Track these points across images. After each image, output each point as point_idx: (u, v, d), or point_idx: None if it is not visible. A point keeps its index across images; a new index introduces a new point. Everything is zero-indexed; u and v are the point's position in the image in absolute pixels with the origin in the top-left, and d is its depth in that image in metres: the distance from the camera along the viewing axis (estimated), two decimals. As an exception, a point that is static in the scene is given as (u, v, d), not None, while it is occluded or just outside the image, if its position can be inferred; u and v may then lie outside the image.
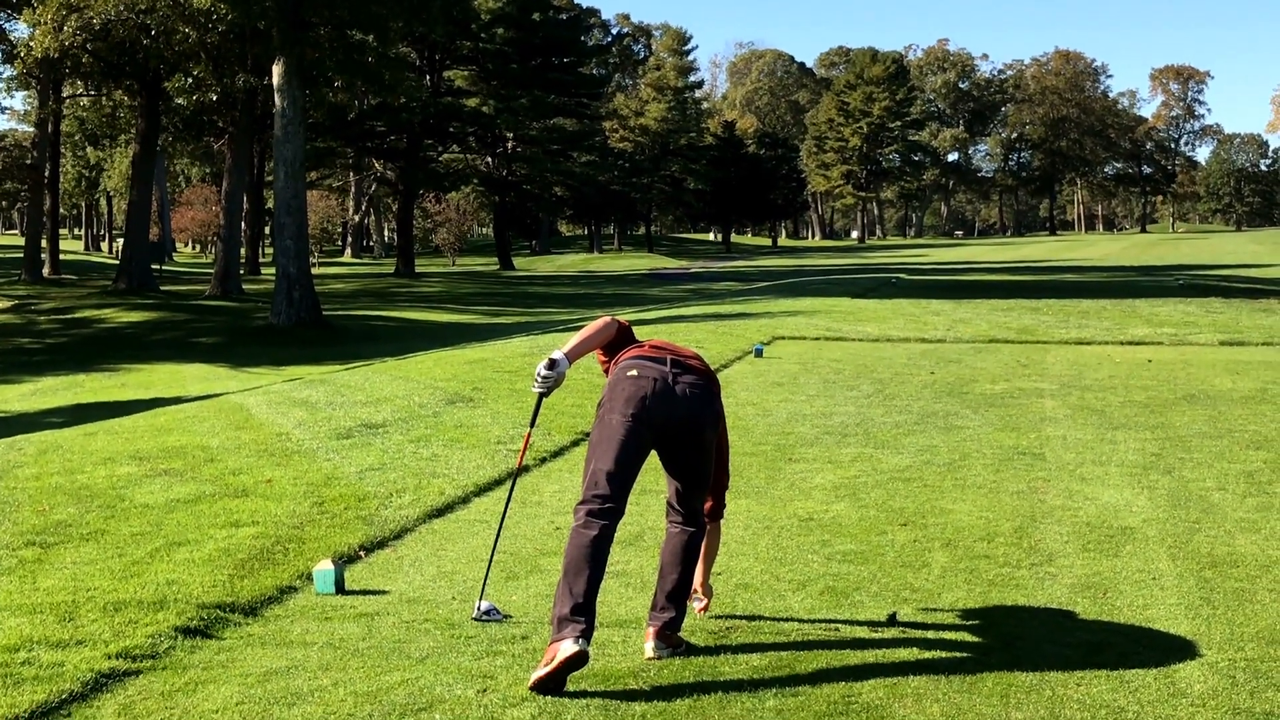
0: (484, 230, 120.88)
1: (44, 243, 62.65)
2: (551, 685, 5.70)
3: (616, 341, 6.70)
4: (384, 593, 7.65)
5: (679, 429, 6.29)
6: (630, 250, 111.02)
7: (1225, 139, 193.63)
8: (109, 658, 6.39)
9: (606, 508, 6.07)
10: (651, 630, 6.41)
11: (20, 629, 6.83)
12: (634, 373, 6.27)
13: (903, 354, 20.13)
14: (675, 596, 6.46)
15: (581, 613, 5.84)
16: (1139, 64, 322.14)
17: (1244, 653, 6.50)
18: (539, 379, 6.33)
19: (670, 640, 6.43)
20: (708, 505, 6.74)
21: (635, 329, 6.96)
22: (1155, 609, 7.22)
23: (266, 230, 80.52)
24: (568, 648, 5.67)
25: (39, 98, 61.91)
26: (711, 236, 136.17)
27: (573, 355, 6.42)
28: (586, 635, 5.81)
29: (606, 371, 6.76)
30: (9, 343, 40.11)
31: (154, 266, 58.48)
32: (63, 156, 78.23)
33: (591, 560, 5.95)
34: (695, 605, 7.20)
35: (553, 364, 6.32)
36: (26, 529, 9.19)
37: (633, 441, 6.16)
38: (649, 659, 6.31)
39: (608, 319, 6.70)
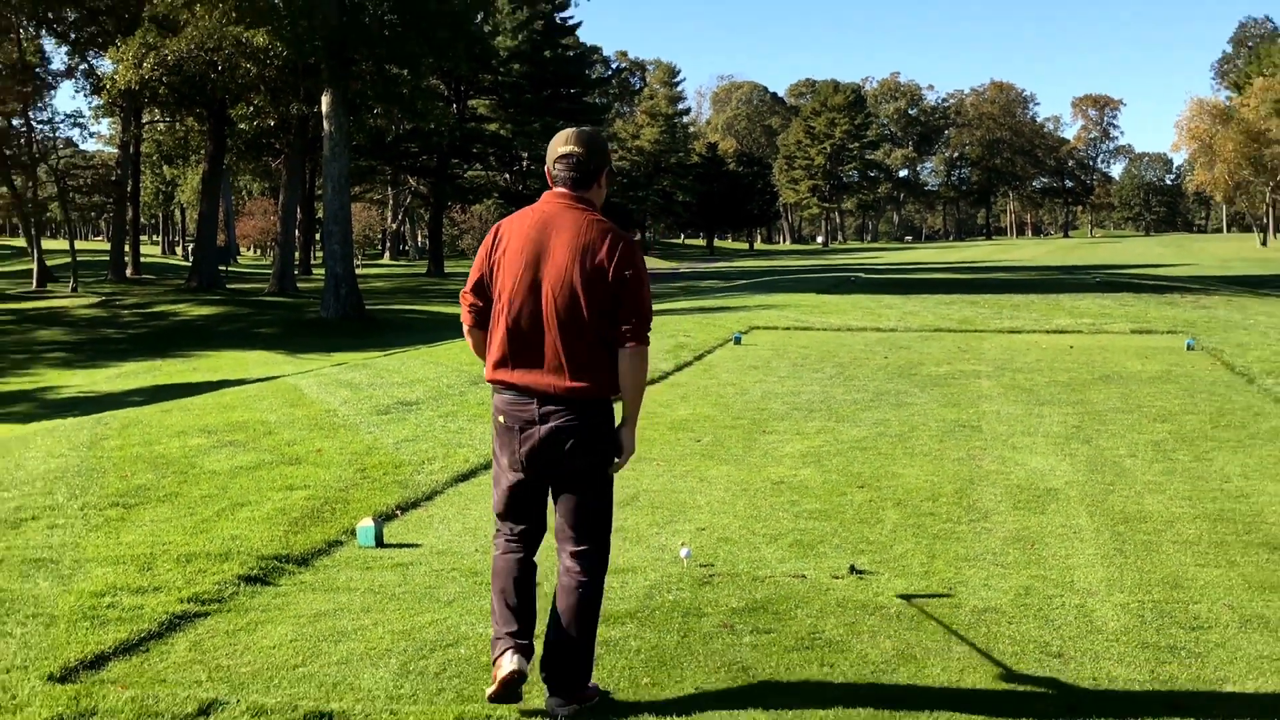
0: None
1: (126, 247, 62.60)
2: (505, 697, 4.93)
3: (485, 334, 5.20)
4: (417, 546, 7.65)
5: (551, 472, 5.01)
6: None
7: (1136, 157, 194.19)
8: (181, 602, 6.39)
9: (515, 540, 5.17)
10: (547, 689, 5.07)
11: (106, 577, 6.84)
12: (501, 419, 5.03)
13: (860, 341, 20.12)
14: (563, 654, 5.02)
15: (516, 636, 4.99)
16: (1062, 93, 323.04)
17: (1151, 595, 6.51)
18: None
19: (575, 696, 5.02)
20: (631, 324, 4.92)
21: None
22: (1075, 558, 7.23)
23: (317, 236, 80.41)
24: (506, 664, 4.88)
25: (122, 124, 61.80)
26: (681, 240, 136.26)
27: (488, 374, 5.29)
28: (524, 651, 4.97)
29: None
30: (97, 333, 40.09)
31: (221, 268, 58.38)
32: (142, 174, 78.04)
33: (516, 591, 5.08)
34: (682, 553, 7.20)
35: None
36: (111, 492, 9.19)
37: (517, 487, 5.08)
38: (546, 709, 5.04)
39: (466, 330, 5.30)
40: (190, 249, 76.66)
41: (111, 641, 5.81)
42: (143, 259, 69.94)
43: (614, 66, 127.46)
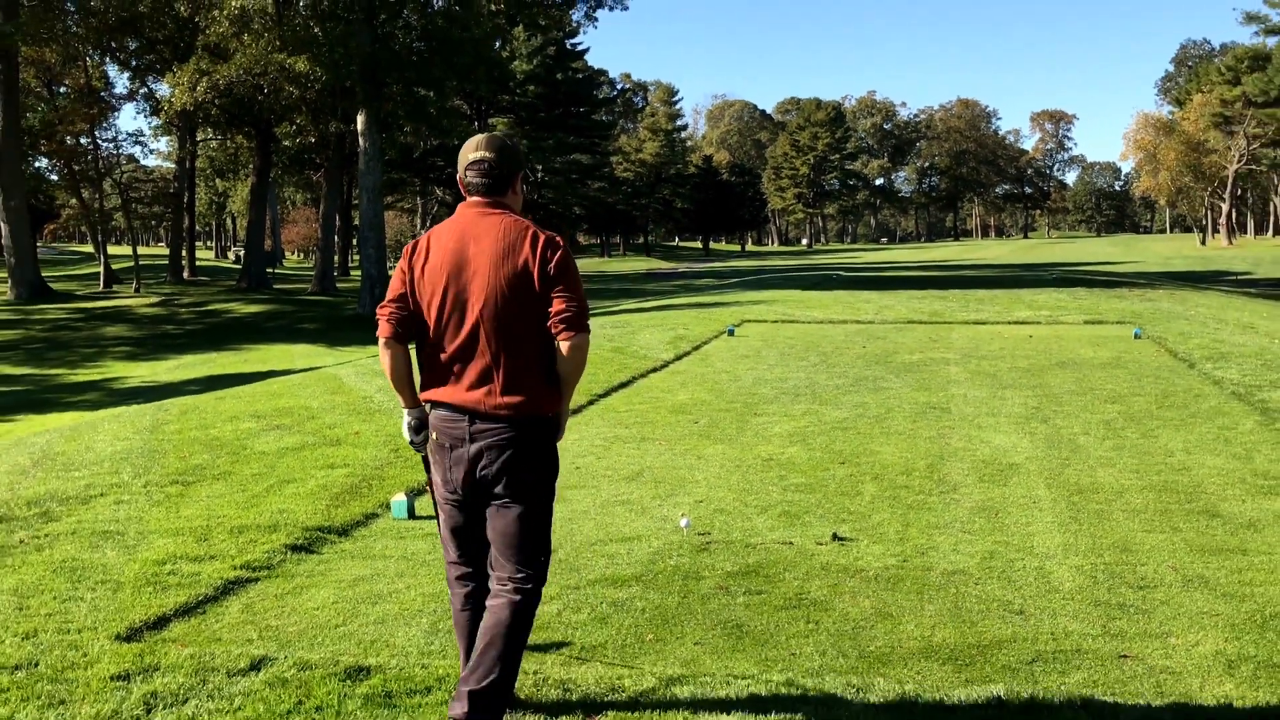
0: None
1: (183, 253, 62.58)
2: (478, 708, 4.16)
3: (409, 354, 4.41)
4: (445, 518, 7.65)
5: (483, 492, 4.26)
6: (632, 255, 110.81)
7: (1088, 166, 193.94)
8: (235, 569, 6.41)
9: (465, 572, 4.47)
10: (461, 704, 4.19)
11: (167, 547, 6.86)
12: (435, 435, 4.31)
13: (841, 333, 20.10)
14: (483, 678, 4.16)
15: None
16: (1022, 108, 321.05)
17: (1103, 558, 6.52)
18: (414, 446, 4.48)
19: (492, 711, 4.20)
20: (569, 313, 4.18)
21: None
22: (1035, 525, 7.23)
23: (354, 241, 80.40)
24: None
25: (178, 141, 61.91)
26: (677, 243, 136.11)
27: (412, 400, 4.43)
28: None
29: None
30: (158, 329, 40.10)
31: (268, 270, 58.41)
32: (197, 186, 77.93)
33: (469, 631, 4.40)
34: (682, 523, 7.21)
35: (419, 426, 4.42)
36: (171, 471, 9.21)
37: (456, 512, 4.37)
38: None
39: (382, 344, 4.39)
40: (240, 253, 76.74)
41: (172, 605, 5.84)
42: (198, 263, 70.04)
43: (619, 87, 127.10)
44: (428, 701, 4.60)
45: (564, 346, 4.18)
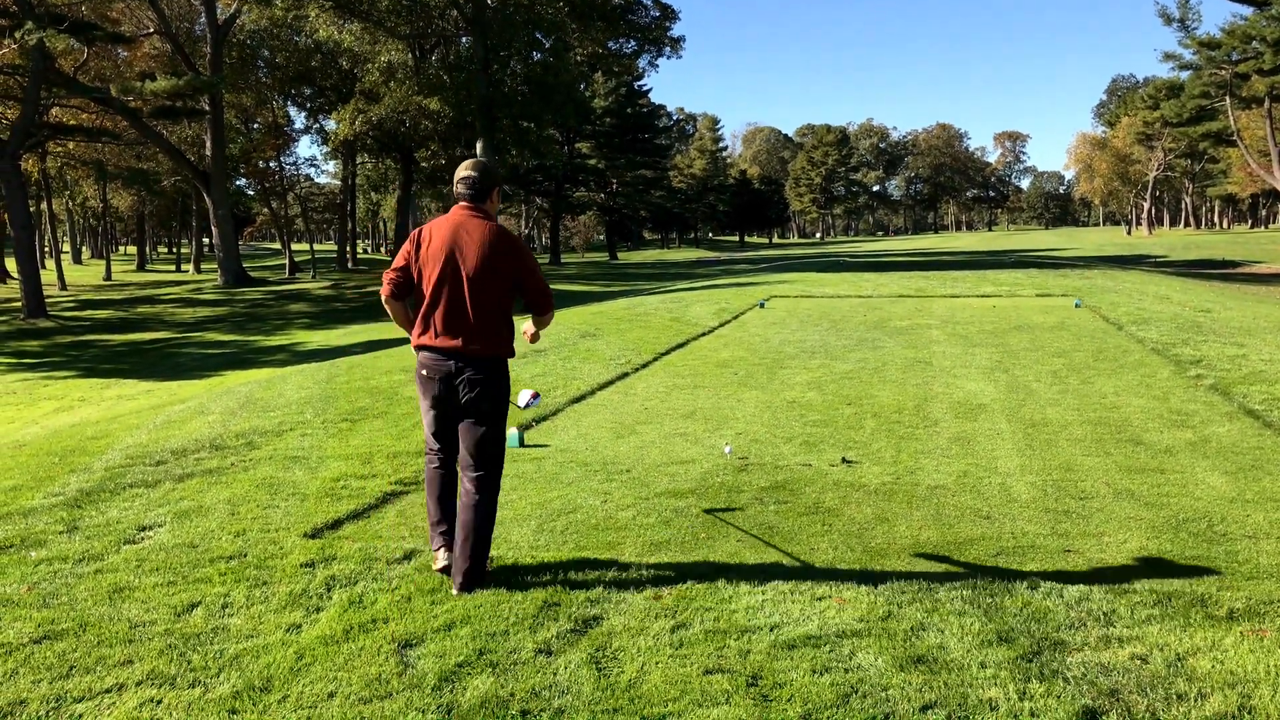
0: (600, 237, 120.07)
1: (347, 248, 63.24)
2: (465, 584, 4.55)
3: (409, 304, 4.81)
4: (546, 446, 7.71)
5: (462, 411, 4.62)
6: (685, 247, 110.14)
7: (1038, 174, 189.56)
8: (390, 484, 6.50)
9: (440, 457, 4.78)
10: (456, 582, 4.58)
11: (340, 468, 6.96)
12: (425, 372, 4.66)
13: (847, 305, 19.91)
14: (464, 558, 4.57)
15: (443, 531, 4.75)
16: (987, 129, 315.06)
17: (1051, 477, 6.44)
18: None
19: (474, 585, 4.58)
20: (539, 297, 4.76)
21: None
22: (998, 451, 7.15)
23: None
24: (441, 560, 4.72)
25: (342, 164, 62.40)
26: (712, 236, 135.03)
27: (414, 340, 4.74)
28: (449, 544, 4.73)
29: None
30: (329, 306, 40.55)
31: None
32: (357, 198, 78.57)
33: (440, 487, 4.78)
34: (726, 450, 7.20)
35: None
36: (343, 411, 9.35)
37: (437, 418, 4.71)
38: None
39: (384, 300, 4.83)
40: (391, 249, 77.21)
41: (344, 511, 5.93)
42: (359, 255, 70.67)
43: (674, 118, 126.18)
44: (537, 581, 4.65)
45: (539, 319, 4.82)
